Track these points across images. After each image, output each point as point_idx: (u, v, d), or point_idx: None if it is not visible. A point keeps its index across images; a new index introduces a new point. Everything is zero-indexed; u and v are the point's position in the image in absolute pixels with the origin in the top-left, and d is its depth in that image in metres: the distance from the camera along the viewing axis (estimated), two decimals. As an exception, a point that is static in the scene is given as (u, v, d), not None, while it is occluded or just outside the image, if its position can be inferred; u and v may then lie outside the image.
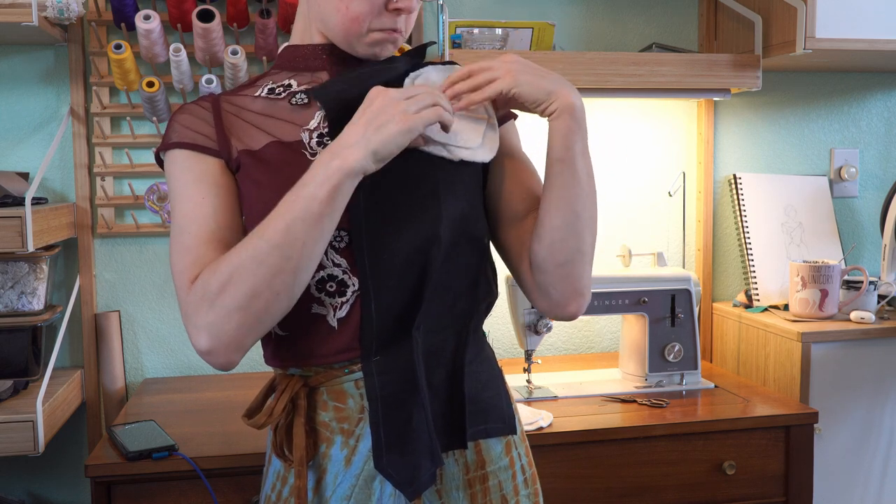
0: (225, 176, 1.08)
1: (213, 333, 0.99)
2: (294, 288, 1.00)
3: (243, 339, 1.00)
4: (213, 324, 0.99)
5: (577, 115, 1.07)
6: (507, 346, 2.26)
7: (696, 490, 1.73)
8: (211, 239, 1.04)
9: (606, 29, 2.25)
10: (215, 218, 1.06)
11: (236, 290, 0.98)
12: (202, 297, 0.99)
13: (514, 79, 1.05)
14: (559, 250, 1.09)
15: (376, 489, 1.09)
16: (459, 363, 1.12)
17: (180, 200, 1.07)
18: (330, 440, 1.10)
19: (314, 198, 0.97)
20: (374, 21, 1.08)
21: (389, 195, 1.06)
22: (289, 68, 1.16)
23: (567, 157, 1.07)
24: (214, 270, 1.00)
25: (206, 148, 1.08)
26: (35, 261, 1.89)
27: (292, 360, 1.11)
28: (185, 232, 1.05)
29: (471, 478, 1.13)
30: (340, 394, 1.09)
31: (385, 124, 0.98)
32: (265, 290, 0.98)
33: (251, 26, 2.02)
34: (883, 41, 1.97)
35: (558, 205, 1.08)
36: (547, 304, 1.15)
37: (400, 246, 1.06)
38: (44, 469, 2.05)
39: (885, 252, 2.20)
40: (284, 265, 0.98)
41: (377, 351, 1.07)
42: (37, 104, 2.01)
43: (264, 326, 1.01)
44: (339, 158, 0.98)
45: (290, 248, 0.98)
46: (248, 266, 0.98)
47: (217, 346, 0.99)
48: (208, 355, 1.00)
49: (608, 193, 2.28)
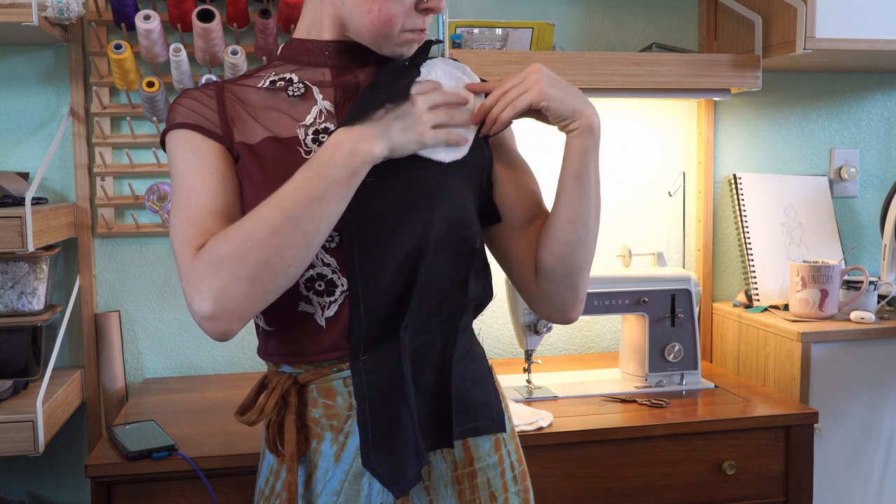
0: (228, 160, 1.08)
1: (219, 299, 0.97)
2: (303, 262, 1.01)
3: (248, 308, 0.99)
4: (220, 290, 0.97)
5: (595, 135, 1.12)
6: (507, 346, 2.26)
7: (696, 490, 1.73)
8: (219, 213, 1.03)
9: (606, 29, 2.25)
10: (223, 193, 1.05)
11: (249, 258, 0.97)
12: (210, 262, 0.98)
13: (542, 92, 1.09)
14: (569, 262, 1.14)
15: (365, 485, 1.10)
16: (447, 363, 1.13)
17: (186, 176, 1.06)
18: (320, 436, 1.11)
19: (336, 180, 1.00)
20: (405, 22, 1.08)
21: (381, 197, 1.07)
22: (292, 61, 1.16)
23: (583, 175, 1.12)
24: (225, 237, 0.99)
25: (210, 131, 1.08)
26: (35, 261, 1.89)
27: (281, 356, 1.12)
28: (192, 204, 1.04)
29: (459, 474, 1.14)
30: (330, 391, 1.10)
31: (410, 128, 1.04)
32: (278, 262, 0.98)
33: (251, 26, 2.02)
34: (883, 41, 1.97)
35: (571, 219, 1.13)
36: (549, 311, 1.19)
37: (390, 248, 1.06)
38: (44, 469, 2.05)
39: (885, 252, 2.20)
40: (301, 239, 0.99)
41: (365, 350, 1.08)
42: (37, 104, 2.01)
43: (269, 298, 1.00)
44: (364, 146, 1.01)
45: (310, 223, 0.99)
46: (263, 235, 0.97)
47: (220, 312, 0.98)
48: (209, 321, 0.98)
49: (608, 193, 2.27)
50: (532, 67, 1.11)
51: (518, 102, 1.09)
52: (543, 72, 1.11)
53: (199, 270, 0.98)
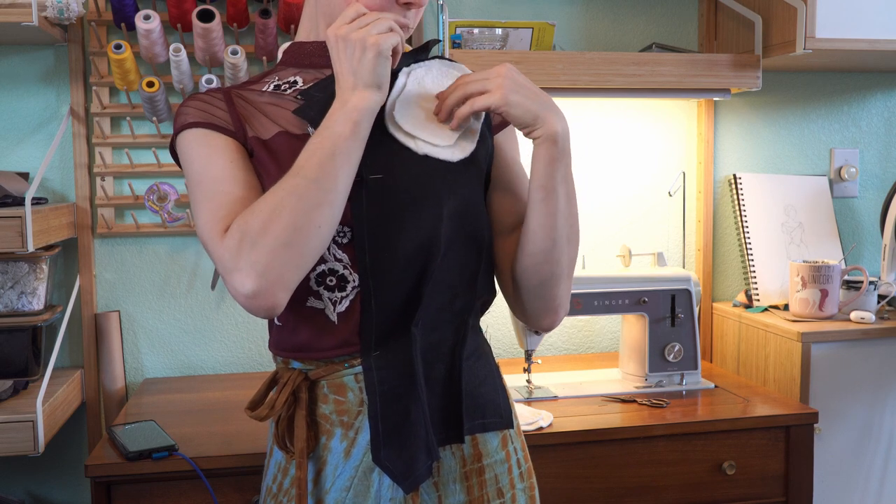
0: (244, 153, 1.09)
1: (260, 272, 0.96)
2: (333, 221, 1.01)
3: (291, 275, 0.99)
4: (258, 262, 0.97)
5: (560, 143, 1.08)
6: (507, 346, 2.26)
7: (696, 490, 1.73)
8: (244, 198, 1.03)
9: (606, 29, 2.25)
10: (246, 180, 1.06)
11: (279, 226, 0.97)
12: (241, 238, 0.97)
13: (503, 96, 1.05)
14: (534, 274, 1.13)
15: (375, 480, 1.10)
16: (457, 359, 1.13)
17: (206, 169, 1.06)
18: (330, 432, 1.11)
19: (340, 135, 1.00)
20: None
21: (392, 193, 1.07)
22: (294, 65, 1.17)
23: (549, 185, 1.09)
24: (252, 211, 0.99)
25: (222, 128, 1.09)
26: (35, 261, 1.89)
27: (292, 352, 1.12)
28: (218, 192, 1.04)
29: (467, 470, 1.14)
30: (340, 387, 1.11)
31: (361, 56, 1.02)
32: (307, 224, 0.98)
33: (251, 26, 2.02)
34: (883, 41, 1.97)
35: (536, 231, 1.11)
36: (523, 316, 1.20)
37: (401, 244, 1.06)
38: (44, 469, 2.05)
39: (885, 252, 2.20)
40: (323, 198, 0.99)
41: (376, 346, 1.08)
42: (37, 104, 2.01)
43: (307, 262, 1.00)
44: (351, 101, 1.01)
45: (328, 181, 0.99)
46: (289, 201, 0.98)
47: (264, 285, 0.97)
48: (255, 298, 0.97)
49: (608, 193, 2.28)
50: (498, 69, 1.07)
51: (476, 102, 1.06)
52: (509, 75, 1.06)
53: (232, 250, 0.98)
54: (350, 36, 1.02)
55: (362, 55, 1.01)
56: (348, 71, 1.03)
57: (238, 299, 0.99)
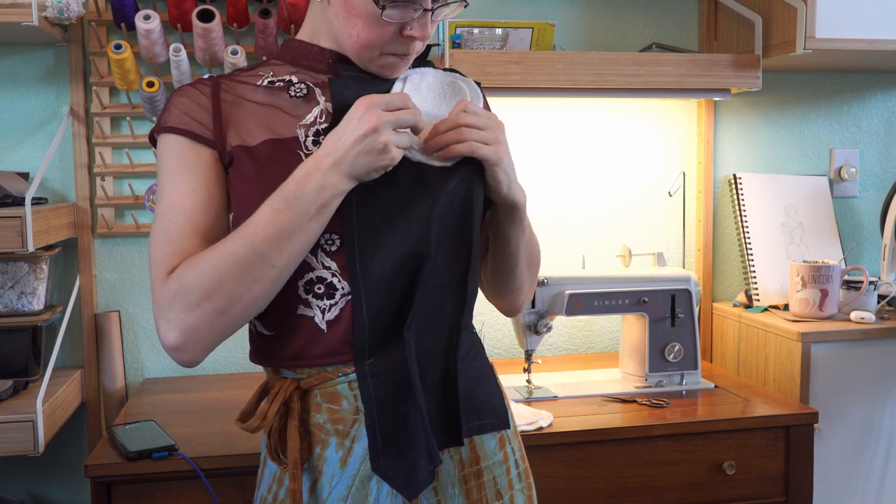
0: (216, 168, 1.09)
1: (185, 330, 1.00)
2: (273, 293, 1.03)
3: (215, 339, 1.03)
4: (185, 321, 1.00)
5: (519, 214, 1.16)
6: (507, 346, 2.26)
7: (696, 490, 1.73)
8: (195, 233, 1.05)
9: (606, 29, 2.25)
10: (203, 212, 1.06)
11: (218, 293, 0.99)
12: (177, 292, 1.00)
13: (498, 156, 1.08)
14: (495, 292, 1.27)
15: (373, 489, 1.09)
16: (452, 361, 1.13)
17: (169, 188, 1.07)
18: (325, 442, 1.10)
19: (305, 214, 1.00)
20: (386, 46, 1.09)
21: (381, 198, 1.06)
22: (291, 62, 1.16)
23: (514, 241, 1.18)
24: (194, 267, 1.00)
25: (200, 136, 1.08)
26: (35, 261, 1.89)
27: (282, 361, 1.11)
28: (171, 222, 1.05)
29: (466, 474, 1.14)
30: (334, 396, 1.10)
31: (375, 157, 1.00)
32: (246, 295, 1.01)
33: (251, 26, 2.02)
34: (883, 41, 1.97)
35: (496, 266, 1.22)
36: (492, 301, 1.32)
37: (391, 249, 1.06)
38: (44, 469, 2.05)
39: (885, 252, 2.20)
40: (269, 274, 1.01)
41: (369, 353, 1.07)
42: (37, 104, 2.01)
43: (234, 329, 1.04)
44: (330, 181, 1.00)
45: (279, 259, 1.00)
46: (233, 273, 0.99)
47: (186, 343, 1.01)
48: (175, 351, 1.02)
49: (608, 193, 2.28)
50: (498, 122, 1.09)
51: (474, 147, 1.06)
52: (505, 134, 1.10)
53: (168, 300, 1.01)
54: (381, 131, 1.00)
55: (375, 157, 1.00)
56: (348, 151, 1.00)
57: (161, 343, 1.03)
